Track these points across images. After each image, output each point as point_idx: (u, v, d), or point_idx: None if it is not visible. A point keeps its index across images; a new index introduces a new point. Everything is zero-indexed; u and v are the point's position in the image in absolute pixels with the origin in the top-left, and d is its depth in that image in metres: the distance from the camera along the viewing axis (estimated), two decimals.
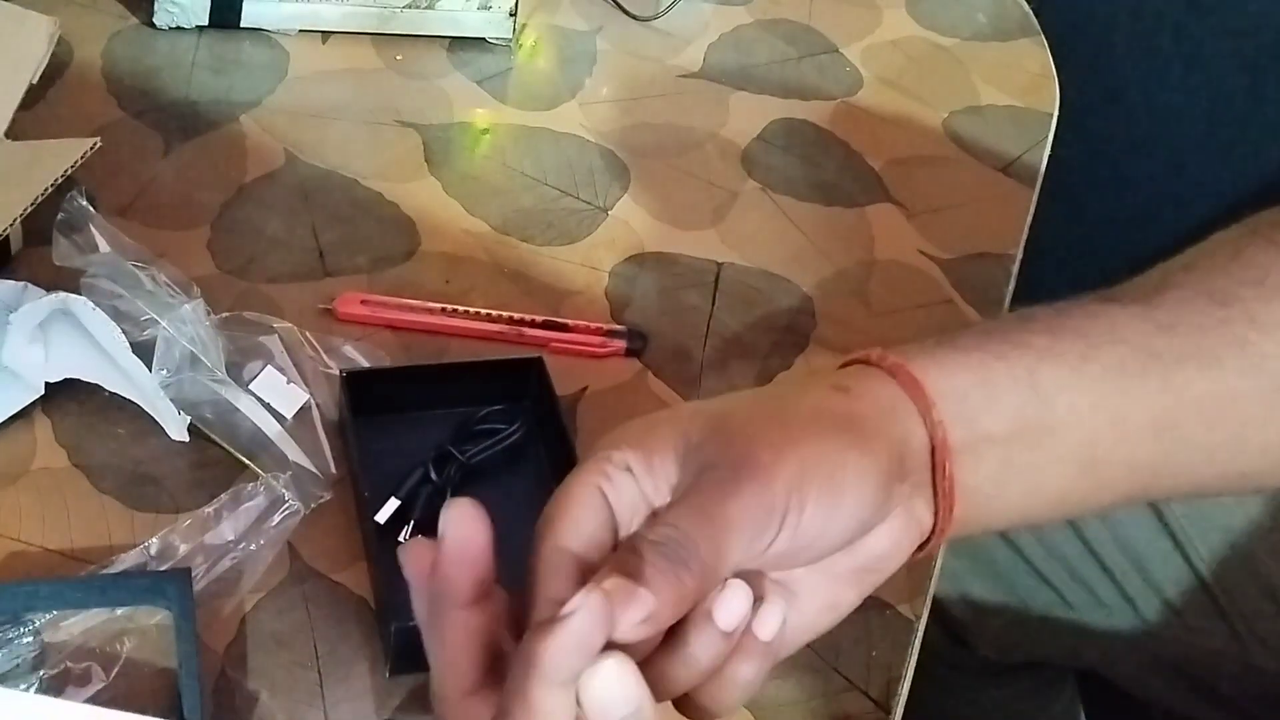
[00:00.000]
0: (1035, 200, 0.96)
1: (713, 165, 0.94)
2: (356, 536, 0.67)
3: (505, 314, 0.78)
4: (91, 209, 0.74)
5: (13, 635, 0.59)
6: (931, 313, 0.86)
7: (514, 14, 0.96)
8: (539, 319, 0.78)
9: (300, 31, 0.95)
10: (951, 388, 0.47)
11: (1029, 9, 1.14)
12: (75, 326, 0.68)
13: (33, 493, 0.66)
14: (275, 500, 0.65)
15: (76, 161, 0.75)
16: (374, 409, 0.70)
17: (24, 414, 0.68)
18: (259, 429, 0.69)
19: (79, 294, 0.68)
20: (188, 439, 0.69)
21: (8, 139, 0.78)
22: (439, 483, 0.68)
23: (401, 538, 0.66)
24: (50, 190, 0.73)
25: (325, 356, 0.73)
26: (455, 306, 0.78)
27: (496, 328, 0.78)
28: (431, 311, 0.78)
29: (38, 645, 0.59)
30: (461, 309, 0.78)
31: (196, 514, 0.65)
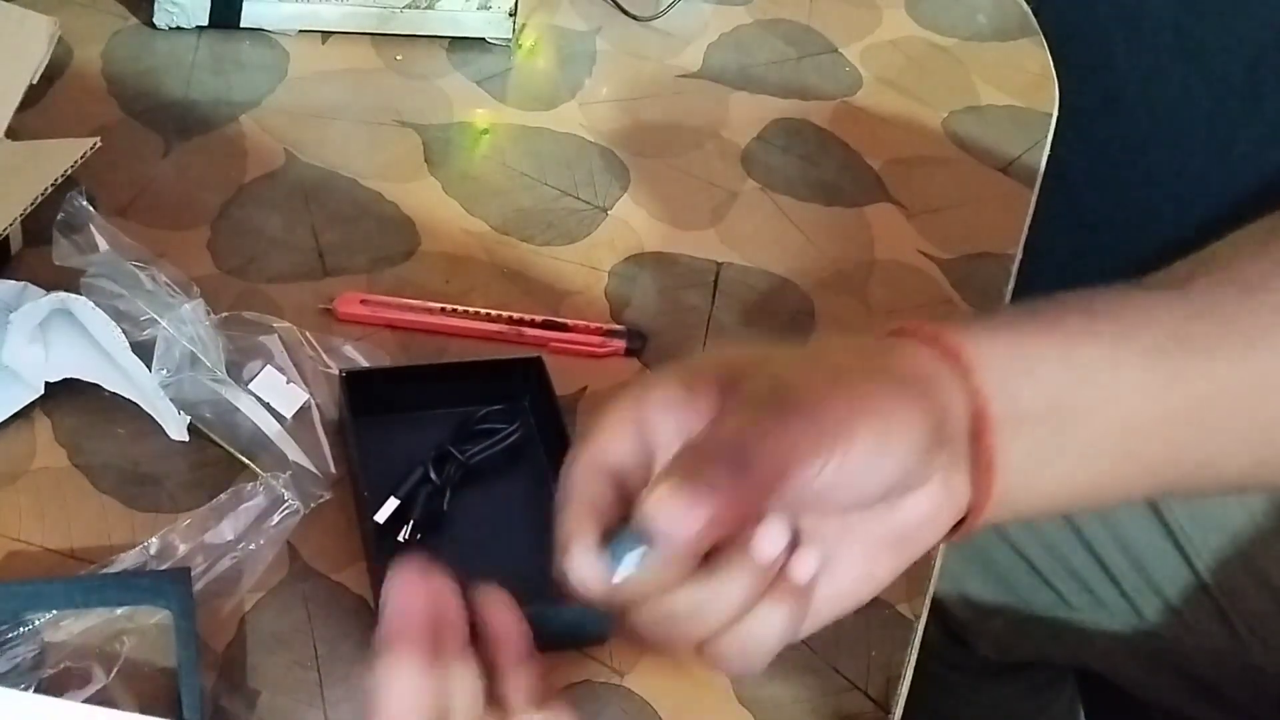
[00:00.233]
0: (1035, 200, 0.96)
1: (712, 165, 0.94)
2: (356, 536, 0.67)
3: (505, 314, 0.78)
4: (91, 209, 0.74)
5: (12, 635, 0.59)
6: (931, 313, 0.86)
7: (513, 14, 0.96)
8: (538, 319, 0.78)
9: (300, 31, 0.95)
10: (990, 360, 0.46)
11: (1028, 9, 1.14)
12: (75, 326, 0.68)
13: (32, 492, 0.66)
14: (275, 500, 0.65)
15: (76, 161, 0.75)
16: (373, 409, 0.70)
17: (24, 414, 0.68)
18: (259, 429, 0.69)
19: (79, 294, 0.68)
20: (187, 439, 0.69)
21: (7, 139, 0.78)
22: (439, 483, 0.68)
23: (401, 537, 0.66)
24: (50, 190, 0.73)
25: (325, 356, 0.73)
26: (455, 306, 0.78)
27: (496, 327, 0.78)
28: (431, 311, 0.78)
29: (37, 645, 0.59)
30: (461, 309, 0.78)
31: (196, 514, 0.65)
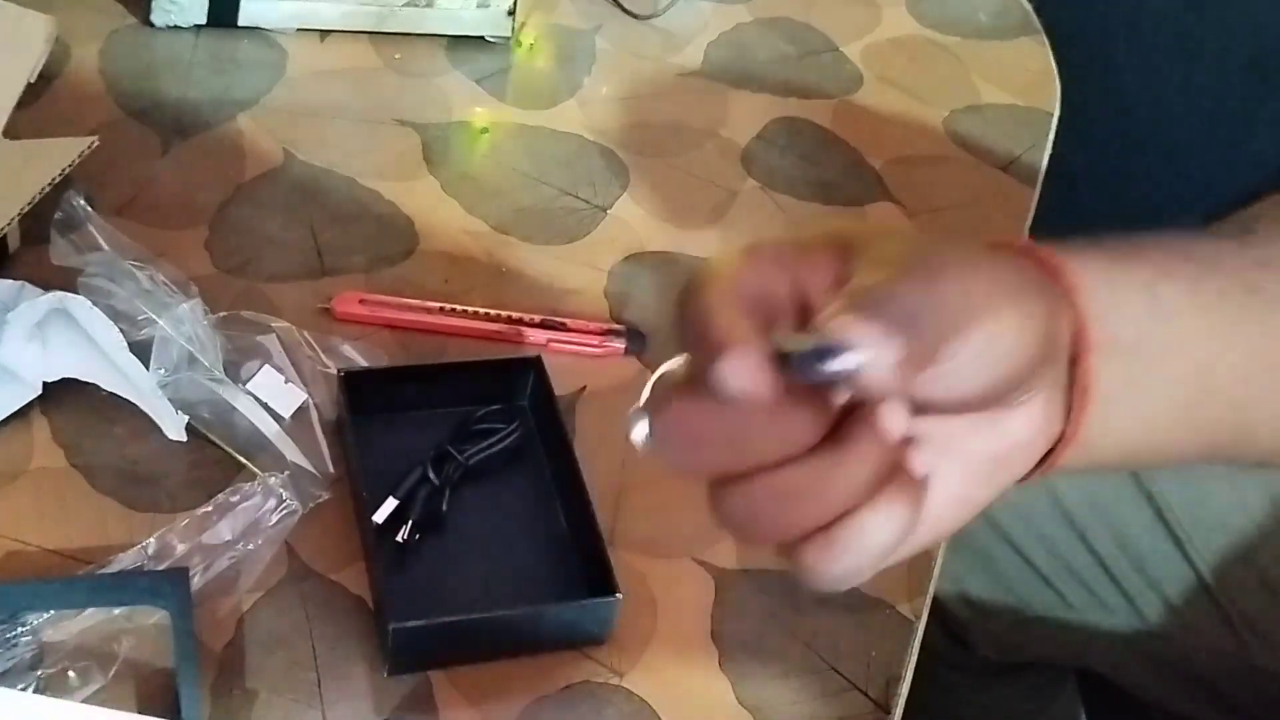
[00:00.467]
0: (1036, 199, 0.96)
1: (712, 164, 0.93)
2: (354, 536, 0.67)
3: (504, 313, 0.78)
4: (89, 208, 0.74)
5: (11, 635, 0.59)
6: None
7: (513, 12, 0.96)
8: (538, 318, 0.78)
9: (298, 30, 0.95)
10: (1087, 284, 0.44)
11: (1030, 7, 1.13)
12: (73, 326, 0.68)
13: (30, 492, 0.66)
14: (273, 500, 0.65)
15: (74, 161, 0.75)
16: (372, 408, 0.70)
17: (22, 413, 0.68)
18: (257, 428, 0.69)
19: (77, 293, 0.68)
20: (185, 438, 0.69)
21: (5, 138, 0.78)
22: (437, 483, 0.68)
23: (400, 537, 0.66)
24: (48, 189, 0.73)
25: (323, 356, 0.73)
26: (454, 306, 0.78)
27: (495, 327, 0.77)
28: (430, 311, 0.77)
29: (36, 645, 0.59)
30: (460, 308, 0.78)
31: (194, 514, 0.64)
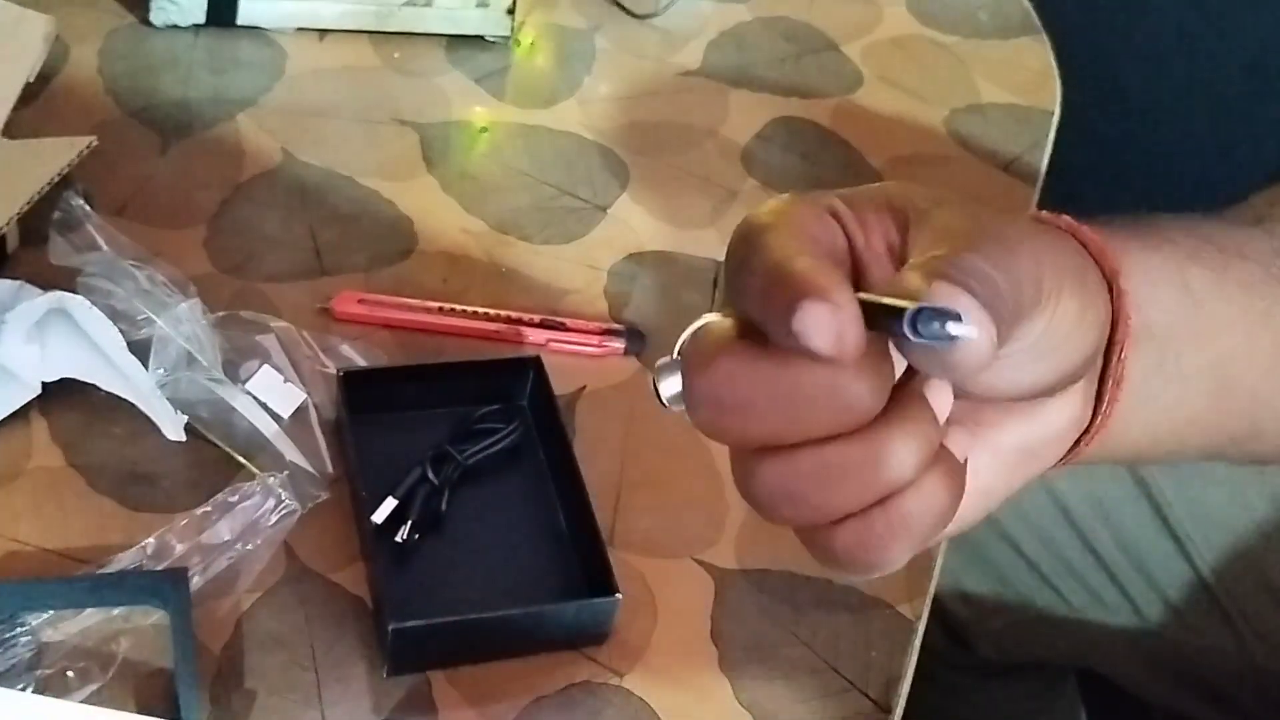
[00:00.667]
0: (1036, 199, 0.96)
1: (712, 164, 0.93)
2: (354, 536, 0.67)
3: (503, 313, 0.78)
4: (88, 207, 0.74)
5: (9, 635, 0.59)
6: None
7: (512, 11, 0.96)
8: (537, 318, 0.78)
9: (297, 30, 0.95)
10: (1124, 267, 0.43)
11: (1030, 6, 1.13)
12: (72, 326, 0.68)
13: (29, 492, 0.66)
14: (272, 500, 0.65)
15: (73, 160, 0.75)
16: (371, 408, 0.69)
17: (20, 413, 0.68)
18: (256, 428, 0.69)
19: (75, 293, 0.68)
20: (184, 438, 0.68)
21: (4, 137, 0.78)
22: (437, 483, 0.68)
23: (399, 537, 0.66)
24: (47, 189, 0.73)
25: (322, 355, 0.73)
26: (453, 305, 0.78)
27: (494, 327, 0.77)
28: (429, 310, 0.77)
29: (34, 645, 0.59)
30: (459, 308, 0.78)
31: (193, 514, 0.64)
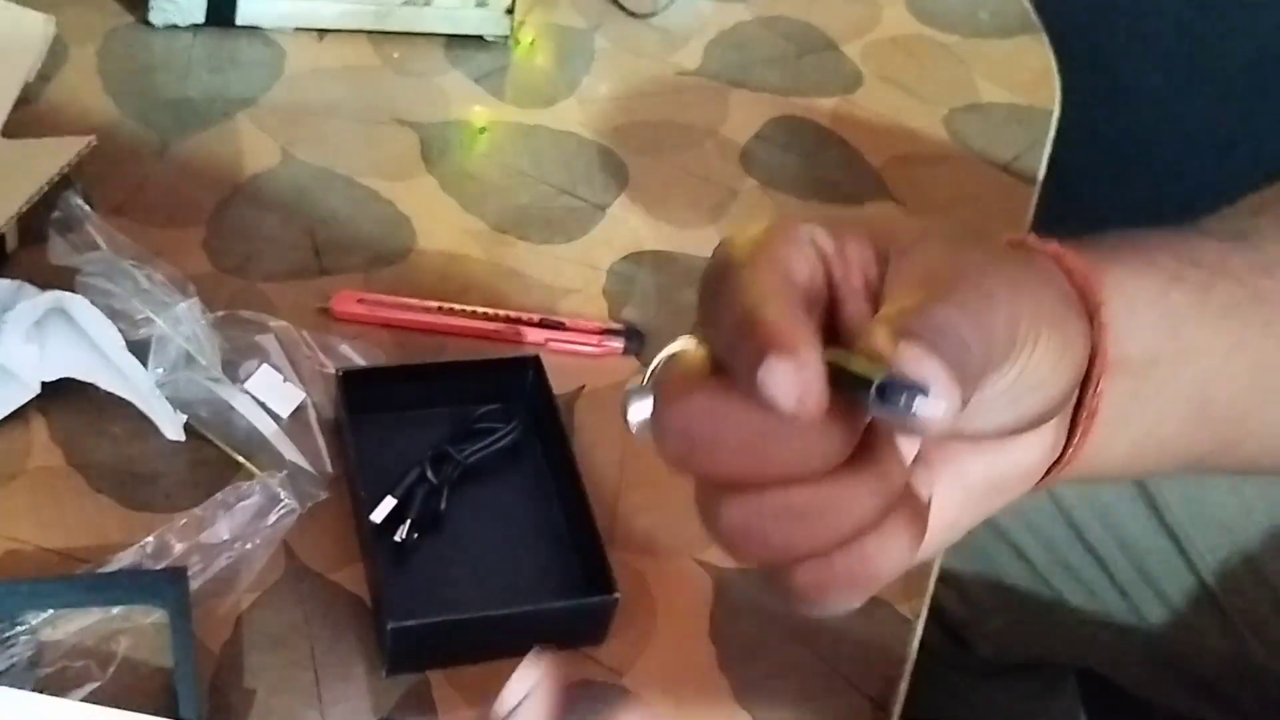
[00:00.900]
0: (1036, 198, 0.96)
1: (711, 163, 0.93)
2: (353, 536, 0.67)
3: (502, 313, 0.78)
4: (87, 207, 0.74)
5: (9, 634, 0.59)
6: None
7: (511, 11, 0.96)
8: (536, 318, 0.78)
9: (296, 29, 0.95)
10: (1107, 297, 0.42)
11: (1030, 5, 1.13)
12: (71, 325, 0.68)
13: (29, 492, 0.66)
14: (271, 499, 0.65)
15: (72, 160, 0.75)
16: (370, 408, 0.69)
17: (20, 413, 0.68)
18: (255, 428, 0.69)
19: (75, 293, 0.68)
20: (184, 438, 0.68)
21: (3, 137, 0.78)
22: (436, 482, 0.68)
23: (398, 537, 0.66)
24: (46, 188, 0.73)
25: (321, 355, 0.73)
26: (452, 305, 0.78)
27: (493, 326, 0.77)
28: (428, 310, 0.77)
29: (34, 644, 0.59)
30: (458, 308, 0.78)
31: (192, 513, 0.64)
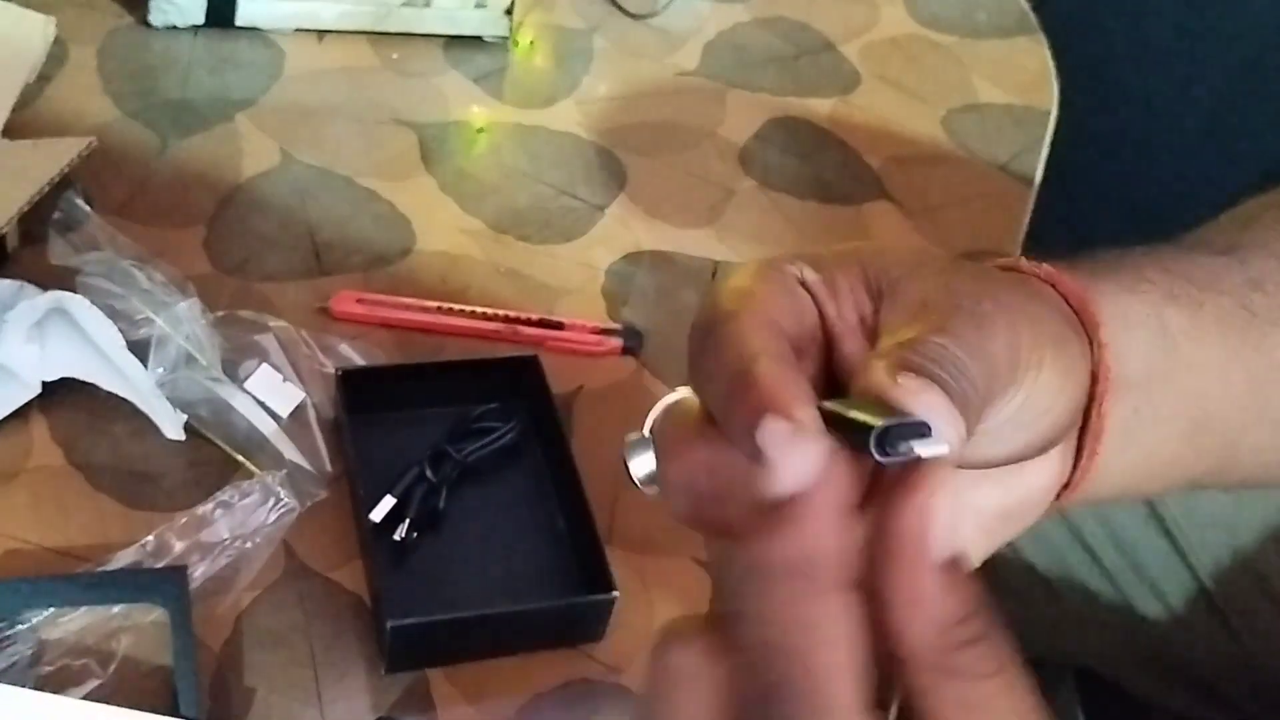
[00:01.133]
0: (1033, 198, 0.96)
1: (710, 163, 0.94)
2: (352, 534, 0.67)
3: (501, 312, 0.78)
4: (88, 208, 0.74)
5: (10, 633, 0.59)
6: None
7: (510, 12, 0.96)
8: (535, 317, 0.78)
9: (296, 30, 0.95)
10: (1104, 318, 0.42)
11: (1028, 6, 1.14)
12: (71, 325, 0.68)
13: (29, 491, 0.66)
14: (271, 498, 0.65)
15: (73, 160, 0.75)
16: (370, 407, 0.70)
17: (20, 413, 0.68)
18: (255, 427, 0.69)
19: (75, 293, 0.68)
20: (184, 437, 0.69)
21: (4, 138, 0.79)
22: (435, 481, 0.68)
23: (397, 536, 0.66)
24: (46, 189, 0.73)
25: (321, 355, 0.73)
26: (451, 305, 0.78)
27: (492, 326, 0.78)
28: (427, 310, 0.78)
29: (35, 643, 0.60)
30: (457, 307, 0.78)
31: (192, 512, 0.65)
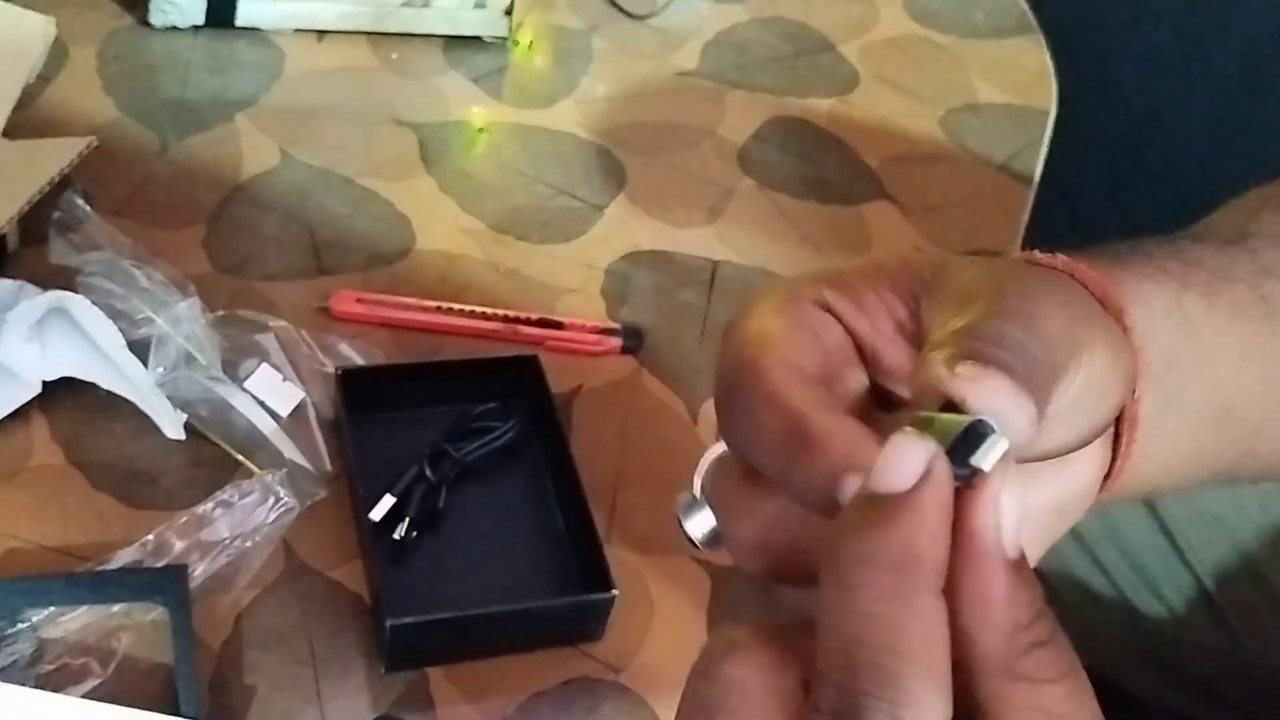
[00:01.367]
0: (1032, 198, 0.96)
1: (709, 163, 0.94)
2: (352, 534, 0.67)
3: (500, 312, 0.78)
4: (88, 208, 0.74)
5: (10, 632, 0.59)
6: None
7: (509, 12, 0.96)
8: (534, 317, 0.78)
9: (296, 30, 0.95)
10: (1127, 303, 0.41)
11: (1027, 6, 1.14)
12: (72, 325, 0.68)
13: (30, 490, 0.67)
14: (271, 497, 0.65)
15: (73, 160, 0.75)
16: (369, 407, 0.70)
17: (21, 412, 0.69)
18: (255, 427, 0.69)
19: (75, 292, 0.69)
20: (184, 437, 0.69)
21: (4, 138, 0.79)
22: (434, 480, 0.68)
23: (397, 535, 0.66)
24: (47, 189, 0.73)
25: (321, 354, 0.73)
26: (450, 304, 0.78)
27: (492, 326, 0.78)
28: (427, 309, 0.78)
29: (35, 642, 0.60)
30: (457, 307, 0.78)
31: (192, 511, 0.65)
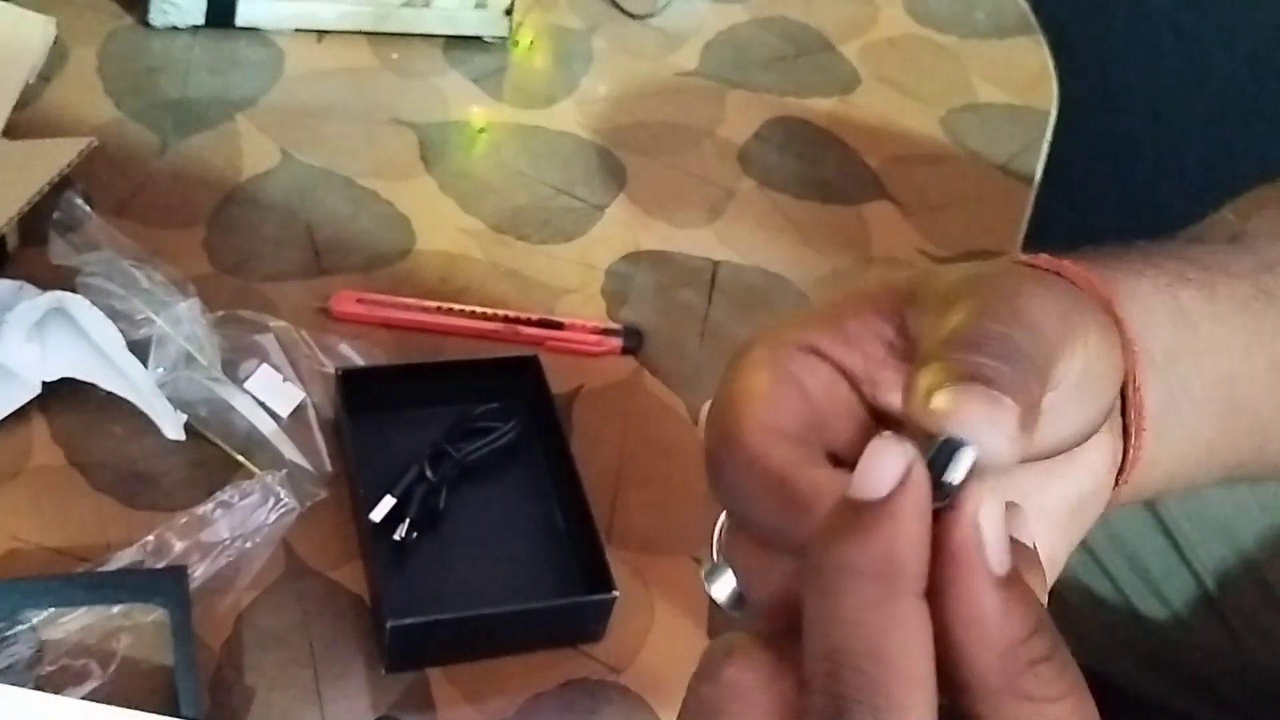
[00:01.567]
0: (1033, 198, 0.96)
1: (709, 163, 0.94)
2: (352, 534, 0.67)
3: (501, 312, 0.78)
4: (88, 208, 0.74)
5: (10, 633, 0.59)
6: None
7: (510, 12, 0.96)
8: (534, 317, 0.78)
9: (296, 31, 0.95)
10: (1115, 295, 0.41)
11: (1027, 6, 1.14)
12: (72, 325, 0.68)
13: (30, 491, 0.67)
14: (271, 498, 0.65)
15: (73, 160, 0.75)
16: (369, 407, 0.70)
17: (21, 413, 0.68)
18: (255, 427, 0.69)
19: (75, 293, 0.68)
20: (184, 437, 0.69)
21: (4, 138, 0.79)
22: (434, 481, 0.68)
23: (397, 535, 0.66)
24: (47, 189, 0.73)
25: (321, 355, 0.73)
26: (451, 305, 0.78)
27: (492, 326, 0.78)
28: (427, 310, 0.78)
29: (35, 642, 0.60)
30: (457, 307, 0.78)
31: (192, 512, 0.65)
